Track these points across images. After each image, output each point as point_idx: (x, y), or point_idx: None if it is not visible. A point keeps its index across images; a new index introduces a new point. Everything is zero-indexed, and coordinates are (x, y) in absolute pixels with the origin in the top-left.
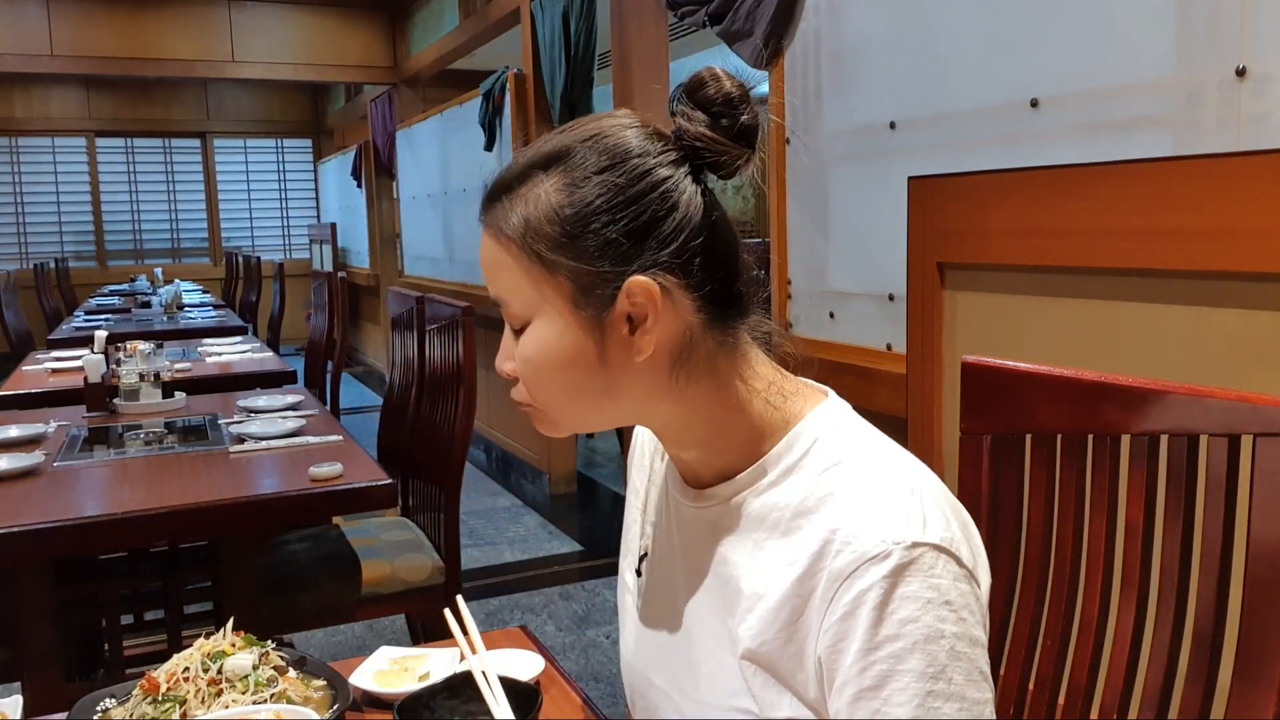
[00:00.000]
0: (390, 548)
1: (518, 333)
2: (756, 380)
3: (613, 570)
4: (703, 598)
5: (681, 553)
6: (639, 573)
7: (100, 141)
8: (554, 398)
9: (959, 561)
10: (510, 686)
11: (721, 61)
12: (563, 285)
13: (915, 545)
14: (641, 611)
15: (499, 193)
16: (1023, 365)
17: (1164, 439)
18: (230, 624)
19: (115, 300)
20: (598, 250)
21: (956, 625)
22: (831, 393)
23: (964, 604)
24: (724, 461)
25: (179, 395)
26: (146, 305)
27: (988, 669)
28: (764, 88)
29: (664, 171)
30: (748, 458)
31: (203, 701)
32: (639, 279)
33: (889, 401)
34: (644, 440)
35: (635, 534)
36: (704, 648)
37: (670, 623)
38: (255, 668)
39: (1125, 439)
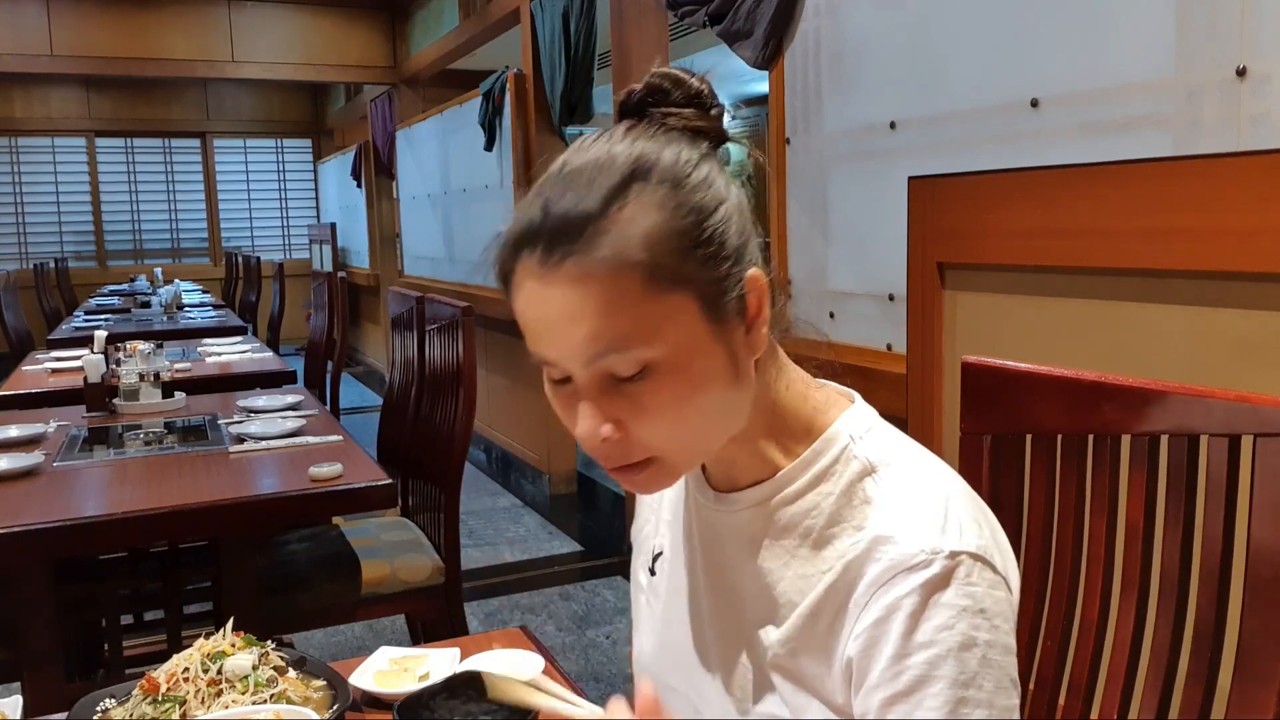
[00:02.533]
0: (390, 548)
1: (626, 380)
2: (790, 373)
3: (612, 570)
4: (726, 602)
5: (703, 555)
6: (653, 572)
7: (100, 141)
8: (696, 434)
9: (993, 569)
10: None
11: (722, 62)
12: (689, 301)
13: (953, 554)
14: (656, 611)
15: (579, 227)
16: (1023, 365)
17: (1164, 439)
18: (230, 624)
19: (115, 300)
20: (721, 254)
21: (990, 633)
22: (858, 397)
23: (997, 611)
24: (755, 463)
25: (179, 395)
26: (146, 305)
27: (1017, 676)
28: (764, 87)
29: (717, 167)
30: (778, 460)
31: (203, 702)
32: (754, 272)
33: (889, 401)
34: None
35: (649, 532)
36: (727, 653)
37: (688, 625)
38: (255, 668)
39: (1125, 439)
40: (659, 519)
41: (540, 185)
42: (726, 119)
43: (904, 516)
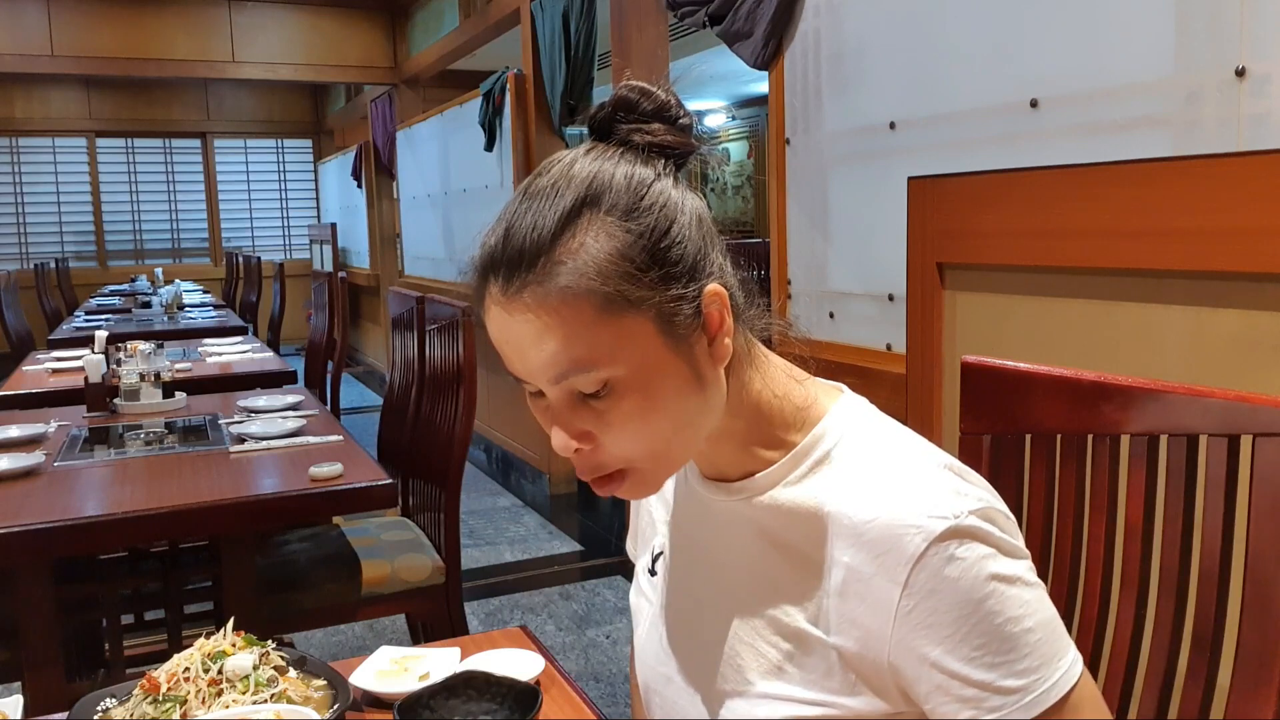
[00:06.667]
0: (390, 548)
1: (591, 396)
2: (770, 372)
3: (612, 570)
4: (737, 589)
5: (709, 546)
6: (653, 572)
7: (100, 141)
8: (665, 443)
9: (1001, 513)
10: (510, 686)
11: (722, 62)
12: (645, 322)
13: (970, 514)
14: (656, 606)
15: (533, 257)
16: (1023, 365)
17: (1164, 439)
18: (230, 624)
19: (116, 300)
20: (675, 273)
21: (1019, 564)
22: (846, 389)
23: (1015, 542)
24: (743, 459)
25: (179, 395)
26: (147, 305)
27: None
28: (764, 88)
29: (672, 183)
30: (767, 454)
31: (203, 701)
32: (711, 287)
33: (889, 401)
34: None
35: (648, 535)
36: (741, 638)
37: (695, 617)
38: (255, 668)
39: (1125, 439)
40: (655, 521)
41: (507, 205)
42: (724, 119)
43: (913, 492)
